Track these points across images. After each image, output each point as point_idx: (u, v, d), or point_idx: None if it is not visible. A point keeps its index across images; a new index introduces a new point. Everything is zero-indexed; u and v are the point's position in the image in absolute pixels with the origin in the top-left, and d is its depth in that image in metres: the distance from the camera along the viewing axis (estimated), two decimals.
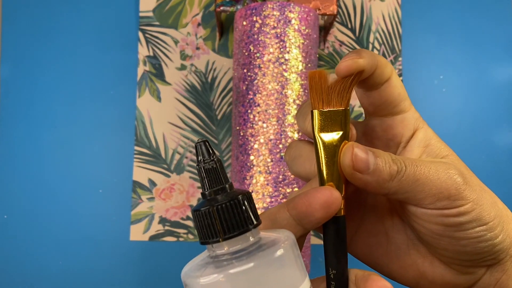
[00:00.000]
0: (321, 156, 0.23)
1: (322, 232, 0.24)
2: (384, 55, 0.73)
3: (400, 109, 0.25)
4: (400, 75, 0.73)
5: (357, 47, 0.73)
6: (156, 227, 0.69)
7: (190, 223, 0.69)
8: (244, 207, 0.20)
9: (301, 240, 0.23)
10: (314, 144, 0.24)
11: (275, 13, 0.56)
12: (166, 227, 0.69)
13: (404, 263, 0.25)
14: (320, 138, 0.23)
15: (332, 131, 0.23)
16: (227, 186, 0.20)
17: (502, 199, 0.25)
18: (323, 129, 0.23)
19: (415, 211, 0.23)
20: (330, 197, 0.22)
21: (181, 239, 0.69)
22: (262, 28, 0.56)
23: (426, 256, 0.25)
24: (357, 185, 0.23)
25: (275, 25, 0.55)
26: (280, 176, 0.54)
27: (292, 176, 0.54)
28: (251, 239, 0.20)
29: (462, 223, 0.22)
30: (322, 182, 0.24)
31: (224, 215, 0.19)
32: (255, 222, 0.20)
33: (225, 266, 0.18)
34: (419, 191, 0.22)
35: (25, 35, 0.72)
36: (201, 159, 0.20)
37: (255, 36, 0.56)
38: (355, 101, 0.72)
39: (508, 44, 0.74)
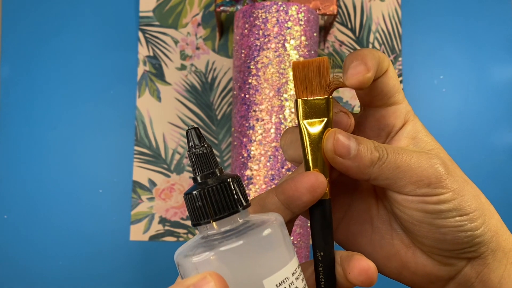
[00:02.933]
0: (306, 143, 0.25)
1: (309, 217, 0.25)
2: None
3: (394, 100, 0.26)
4: (400, 75, 0.73)
5: (357, 47, 0.73)
6: (156, 227, 0.69)
7: (190, 223, 0.69)
8: (233, 190, 0.21)
9: (289, 225, 0.24)
10: (299, 131, 0.25)
11: (264, 14, 0.56)
12: (166, 227, 0.69)
13: (388, 252, 0.26)
14: (305, 125, 0.25)
15: (316, 118, 0.24)
16: (217, 170, 0.21)
17: (502, 198, 0.25)
18: (307, 116, 0.25)
19: (396, 197, 0.24)
20: (316, 181, 0.23)
21: (181, 239, 0.69)
22: (252, 30, 0.56)
23: (409, 246, 0.25)
24: (339, 169, 0.24)
25: (263, 26, 0.56)
26: (270, 175, 0.54)
27: (281, 175, 0.54)
28: (241, 220, 0.21)
29: (442, 211, 0.23)
30: (307, 168, 0.25)
31: (214, 197, 0.20)
32: (244, 204, 0.21)
33: (216, 245, 0.19)
34: (399, 178, 0.23)
35: (25, 35, 0.72)
36: (192, 145, 0.21)
37: (245, 39, 0.57)
38: (355, 101, 0.72)
39: (508, 44, 0.74)
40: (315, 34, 0.59)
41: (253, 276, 0.19)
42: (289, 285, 0.20)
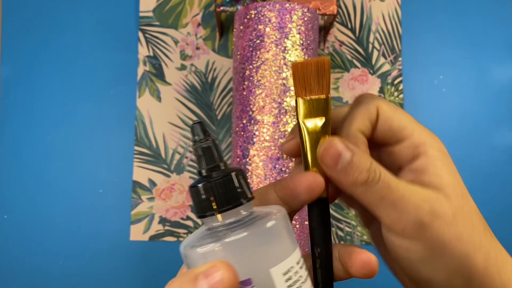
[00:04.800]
0: (305, 142, 0.25)
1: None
2: (384, 55, 0.73)
3: (400, 138, 0.25)
4: (400, 75, 0.73)
5: (357, 47, 0.73)
6: (156, 227, 0.69)
7: (190, 223, 0.69)
8: (237, 183, 0.21)
9: (289, 218, 0.25)
10: (299, 130, 0.25)
11: (257, 15, 0.56)
12: (166, 227, 0.69)
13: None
14: (304, 124, 0.25)
15: (314, 117, 0.25)
16: (221, 164, 0.22)
17: (502, 199, 0.25)
18: (306, 116, 0.25)
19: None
20: (314, 182, 0.23)
21: (181, 239, 0.69)
22: (246, 31, 0.56)
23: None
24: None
25: (256, 26, 0.56)
26: (263, 174, 0.54)
27: (274, 175, 0.55)
28: (244, 212, 0.21)
29: (409, 259, 0.23)
30: (306, 166, 0.25)
31: (219, 190, 0.21)
32: (248, 196, 0.22)
33: (221, 236, 0.20)
34: (379, 209, 0.23)
35: (25, 35, 0.72)
36: (197, 139, 0.22)
37: (241, 40, 0.57)
38: None
39: (508, 44, 0.74)
40: (310, 32, 0.58)
41: (259, 265, 0.20)
42: (294, 274, 0.20)
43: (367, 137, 0.25)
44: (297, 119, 0.25)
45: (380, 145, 0.26)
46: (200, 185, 0.21)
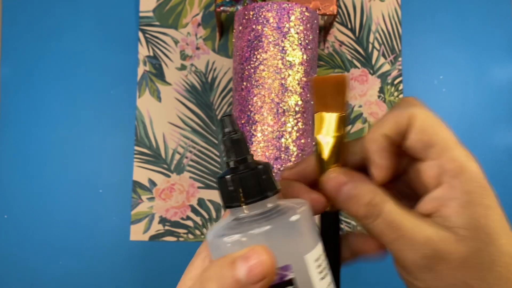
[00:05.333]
0: (320, 156, 0.26)
1: None
2: (384, 55, 0.73)
3: (425, 155, 0.23)
4: (400, 75, 0.73)
5: (357, 47, 0.73)
6: (156, 227, 0.69)
7: (190, 223, 0.69)
8: (264, 176, 0.22)
9: None
10: (315, 142, 0.26)
11: (255, 15, 0.55)
12: (166, 227, 0.69)
13: None
14: (319, 139, 0.26)
15: (330, 134, 0.26)
16: (248, 157, 0.22)
17: (502, 199, 0.24)
18: (322, 131, 0.26)
19: None
20: (317, 203, 0.24)
21: (181, 239, 0.69)
22: (244, 32, 0.56)
23: None
24: None
25: (254, 27, 0.56)
26: None
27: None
28: (270, 204, 0.22)
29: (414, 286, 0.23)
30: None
31: (246, 182, 0.22)
32: (276, 189, 0.22)
33: (246, 227, 0.20)
34: (382, 239, 0.23)
35: (25, 35, 0.72)
36: (226, 131, 0.23)
37: (240, 41, 0.57)
38: (355, 101, 0.72)
39: (508, 44, 0.74)
40: (309, 32, 0.58)
41: (294, 252, 0.20)
42: (322, 261, 0.21)
43: (395, 143, 0.24)
44: (315, 133, 0.26)
45: (412, 158, 0.24)
46: (228, 176, 0.22)
